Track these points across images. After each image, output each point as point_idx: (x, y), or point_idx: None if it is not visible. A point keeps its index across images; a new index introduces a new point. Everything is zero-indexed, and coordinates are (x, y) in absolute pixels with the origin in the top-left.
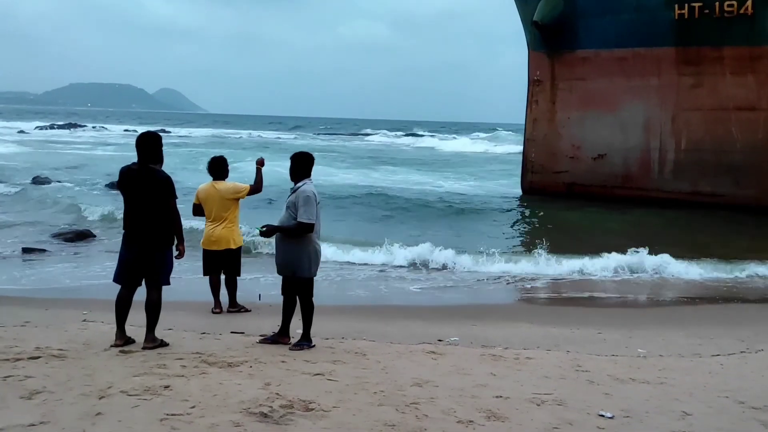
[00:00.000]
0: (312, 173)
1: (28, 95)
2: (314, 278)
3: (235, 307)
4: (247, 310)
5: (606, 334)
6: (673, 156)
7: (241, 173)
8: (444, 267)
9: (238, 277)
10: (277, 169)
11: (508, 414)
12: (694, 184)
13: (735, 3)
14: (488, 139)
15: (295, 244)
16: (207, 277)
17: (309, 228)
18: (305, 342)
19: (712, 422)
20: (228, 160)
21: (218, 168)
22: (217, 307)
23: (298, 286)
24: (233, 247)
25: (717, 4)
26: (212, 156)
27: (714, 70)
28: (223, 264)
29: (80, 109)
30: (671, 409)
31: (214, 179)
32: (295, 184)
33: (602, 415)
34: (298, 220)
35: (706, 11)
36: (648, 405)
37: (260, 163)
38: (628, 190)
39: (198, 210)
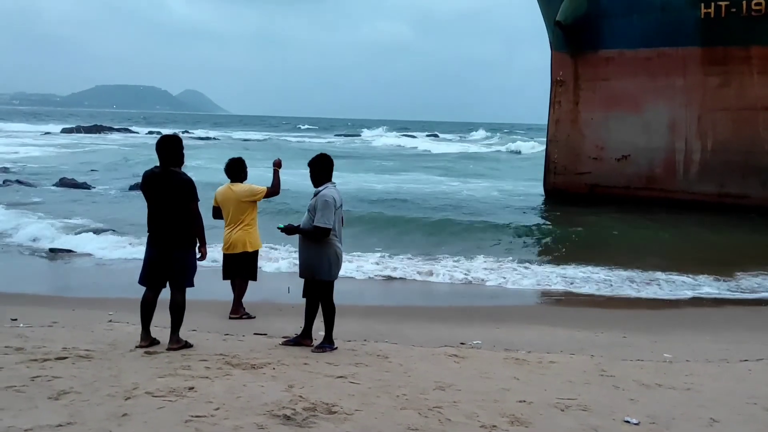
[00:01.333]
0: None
1: (54, 97)
2: (335, 281)
3: (237, 313)
4: (251, 317)
5: (631, 338)
6: (698, 157)
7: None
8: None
9: (253, 282)
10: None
11: (531, 419)
12: (721, 186)
13: (763, 2)
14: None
15: (315, 246)
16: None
17: (325, 233)
18: (327, 344)
19: (739, 429)
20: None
21: (236, 170)
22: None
23: (318, 288)
24: (249, 250)
25: (744, 3)
26: (230, 158)
27: (741, 70)
28: (239, 267)
29: (105, 111)
30: (698, 416)
31: (231, 181)
32: (316, 188)
33: (628, 421)
34: (315, 224)
35: (733, 10)
36: (674, 411)
37: (277, 164)
38: (652, 192)
39: (218, 213)
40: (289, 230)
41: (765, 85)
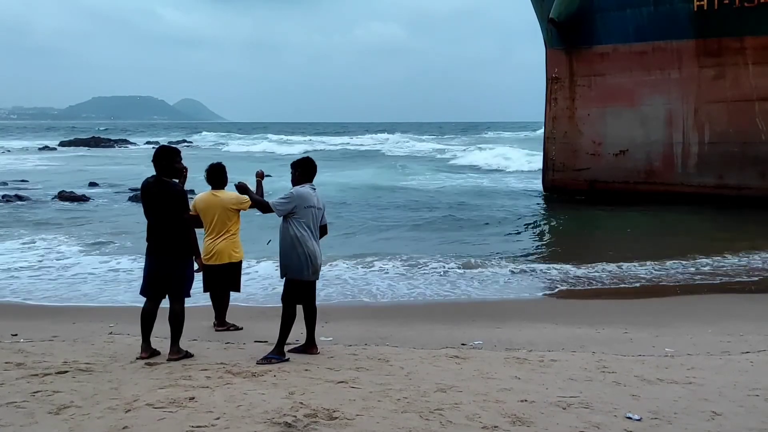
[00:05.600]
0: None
1: (51, 110)
2: (309, 283)
3: (223, 325)
4: (238, 328)
5: (632, 333)
6: (696, 149)
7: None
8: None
9: (237, 293)
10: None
11: (533, 418)
12: (720, 178)
13: None
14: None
15: (287, 246)
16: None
17: (267, 209)
18: (274, 356)
19: (742, 422)
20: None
21: (218, 176)
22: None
23: (288, 288)
24: (234, 260)
25: None
26: (211, 163)
27: (736, 61)
28: (223, 278)
29: (103, 122)
30: (700, 410)
31: (213, 188)
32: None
33: (630, 418)
34: (269, 201)
35: (726, 1)
36: (677, 406)
37: (260, 175)
38: (651, 186)
39: (195, 222)
40: (241, 188)
41: (760, 76)
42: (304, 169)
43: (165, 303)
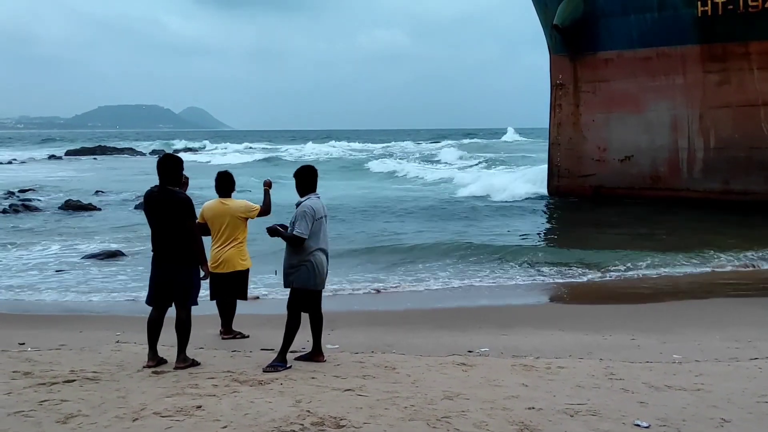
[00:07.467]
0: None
1: (58, 119)
2: (316, 292)
3: (230, 333)
4: (244, 336)
5: (639, 339)
6: (702, 155)
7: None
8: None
9: (244, 301)
10: None
11: (541, 426)
12: (725, 183)
13: None
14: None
15: (294, 255)
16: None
17: (299, 241)
18: (279, 363)
19: (751, 429)
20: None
21: (226, 184)
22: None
23: (295, 297)
24: (241, 269)
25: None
26: (218, 171)
27: (741, 66)
28: (230, 286)
29: (109, 131)
30: (709, 417)
31: (221, 196)
32: (300, 198)
33: (638, 425)
34: (292, 232)
35: (730, 7)
36: (685, 413)
37: (267, 184)
38: (657, 191)
39: (202, 230)
40: (272, 231)
41: (765, 81)
42: (304, 179)
43: (172, 311)
